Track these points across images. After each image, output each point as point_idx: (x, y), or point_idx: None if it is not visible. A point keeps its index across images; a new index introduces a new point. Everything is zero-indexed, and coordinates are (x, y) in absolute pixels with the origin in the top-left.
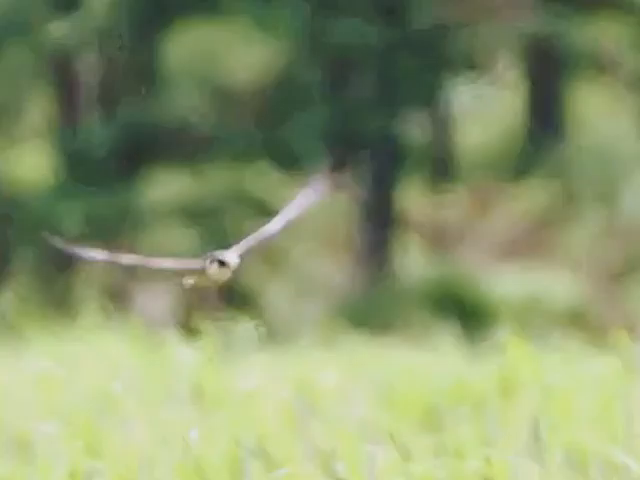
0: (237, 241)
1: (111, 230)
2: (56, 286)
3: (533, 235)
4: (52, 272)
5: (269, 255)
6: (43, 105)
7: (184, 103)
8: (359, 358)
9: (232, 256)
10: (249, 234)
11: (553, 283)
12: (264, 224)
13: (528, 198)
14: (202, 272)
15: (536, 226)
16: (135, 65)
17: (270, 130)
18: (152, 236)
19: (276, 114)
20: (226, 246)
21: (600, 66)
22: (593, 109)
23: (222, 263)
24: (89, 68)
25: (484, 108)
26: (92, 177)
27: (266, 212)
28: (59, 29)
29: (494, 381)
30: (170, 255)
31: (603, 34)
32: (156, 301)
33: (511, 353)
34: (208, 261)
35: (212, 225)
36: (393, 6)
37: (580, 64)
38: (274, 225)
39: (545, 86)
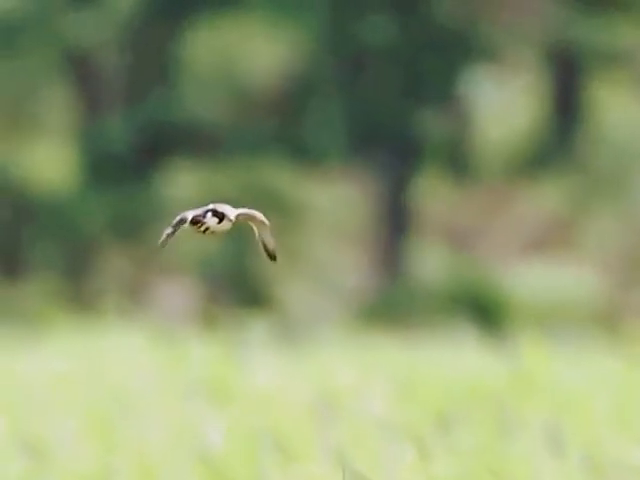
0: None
1: (133, 225)
2: (77, 282)
3: (552, 231)
4: (73, 268)
5: (287, 253)
6: (63, 102)
7: (203, 99)
8: (377, 356)
9: (232, 210)
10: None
11: (573, 279)
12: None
13: (547, 194)
14: (202, 222)
15: (555, 222)
16: (155, 61)
17: (289, 125)
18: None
19: (295, 110)
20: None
21: (619, 64)
22: (612, 106)
23: (222, 217)
24: (109, 65)
25: (504, 104)
26: (113, 173)
27: (284, 206)
28: (78, 24)
29: (512, 380)
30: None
31: (622, 33)
32: (175, 297)
33: (528, 352)
34: (209, 214)
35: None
36: (414, 2)
37: (599, 62)
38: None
39: (565, 83)
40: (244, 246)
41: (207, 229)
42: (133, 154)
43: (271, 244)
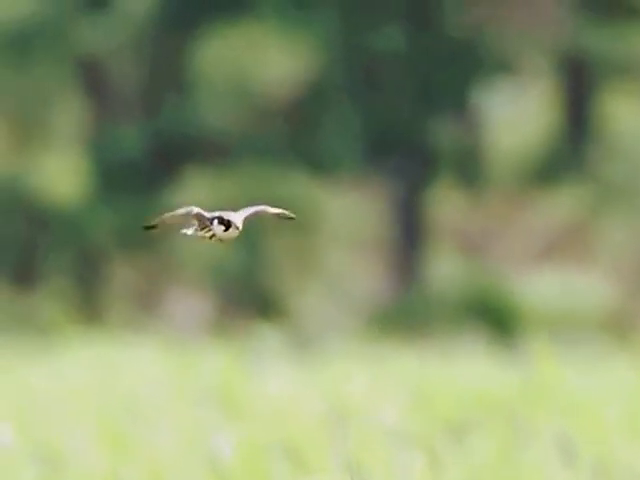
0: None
1: (144, 234)
2: (89, 292)
3: (565, 239)
4: (85, 278)
5: (300, 261)
6: (75, 111)
7: (216, 108)
8: (390, 366)
9: (239, 218)
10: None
11: (585, 287)
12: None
13: (560, 202)
14: (208, 229)
15: (568, 230)
16: (167, 70)
17: (303, 134)
18: (185, 240)
19: (308, 118)
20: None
21: (632, 73)
22: (625, 115)
23: (228, 225)
24: (121, 73)
25: (517, 113)
26: (125, 182)
27: (298, 215)
28: (91, 32)
29: (524, 389)
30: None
31: (635, 43)
32: (187, 306)
33: (540, 361)
34: (216, 221)
35: (244, 229)
36: (426, 11)
37: (613, 71)
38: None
39: (578, 91)
40: (256, 255)
41: (213, 236)
42: (145, 163)
43: (279, 210)
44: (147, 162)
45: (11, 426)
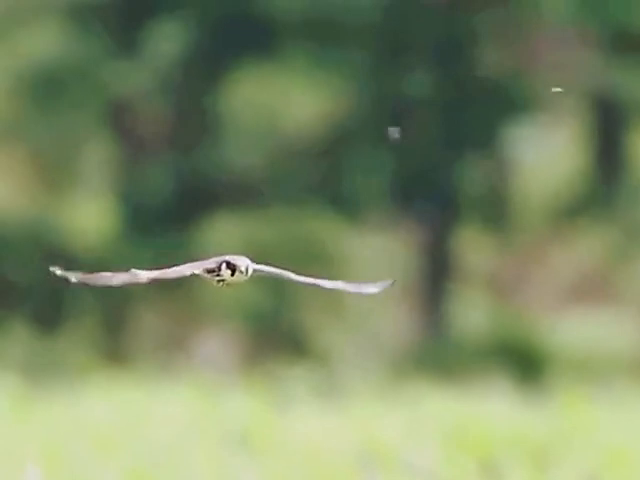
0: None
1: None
2: (117, 335)
3: (593, 282)
4: (113, 321)
5: (328, 303)
6: (103, 153)
7: (245, 150)
8: (420, 408)
9: (245, 262)
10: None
11: (613, 330)
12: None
13: (588, 245)
14: (217, 274)
15: (596, 273)
16: (195, 112)
17: (330, 176)
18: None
19: (336, 160)
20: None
21: None
22: None
23: (234, 269)
24: (149, 116)
25: (545, 154)
26: (154, 225)
27: (325, 256)
28: (120, 76)
29: (553, 434)
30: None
31: None
32: (214, 347)
33: (570, 403)
34: (223, 266)
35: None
36: (455, 53)
37: None
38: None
39: (607, 132)
40: (284, 296)
41: (223, 281)
42: (174, 205)
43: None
44: (176, 204)
45: (41, 471)
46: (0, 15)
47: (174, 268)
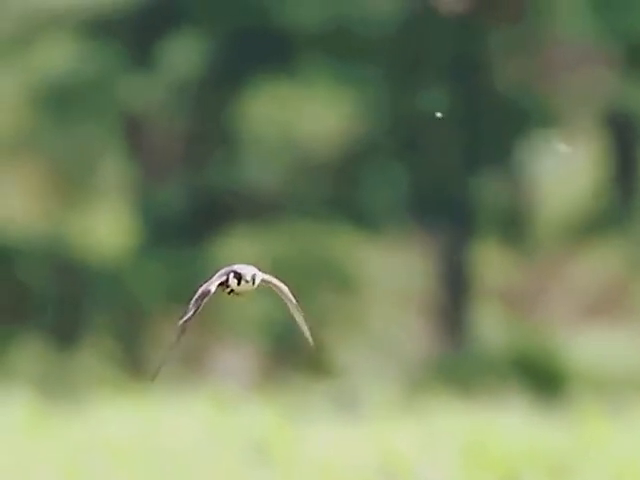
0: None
1: (190, 291)
2: (133, 349)
3: (611, 296)
4: (129, 335)
5: (346, 317)
6: (119, 167)
7: (261, 164)
8: (437, 423)
9: (252, 271)
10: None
11: (632, 344)
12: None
13: (606, 259)
14: (227, 285)
15: (614, 287)
16: (211, 126)
17: (347, 191)
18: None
19: (353, 175)
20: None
21: None
22: None
23: (239, 278)
24: (166, 130)
25: (562, 169)
26: (170, 239)
27: (343, 271)
28: (135, 90)
29: (572, 446)
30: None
31: None
32: (232, 362)
33: (587, 419)
34: (231, 275)
35: (288, 287)
36: (472, 69)
37: None
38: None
39: (624, 148)
40: (303, 310)
41: (232, 291)
42: (190, 220)
43: (305, 331)
44: (192, 219)
45: None
46: (16, 29)
47: (199, 293)
